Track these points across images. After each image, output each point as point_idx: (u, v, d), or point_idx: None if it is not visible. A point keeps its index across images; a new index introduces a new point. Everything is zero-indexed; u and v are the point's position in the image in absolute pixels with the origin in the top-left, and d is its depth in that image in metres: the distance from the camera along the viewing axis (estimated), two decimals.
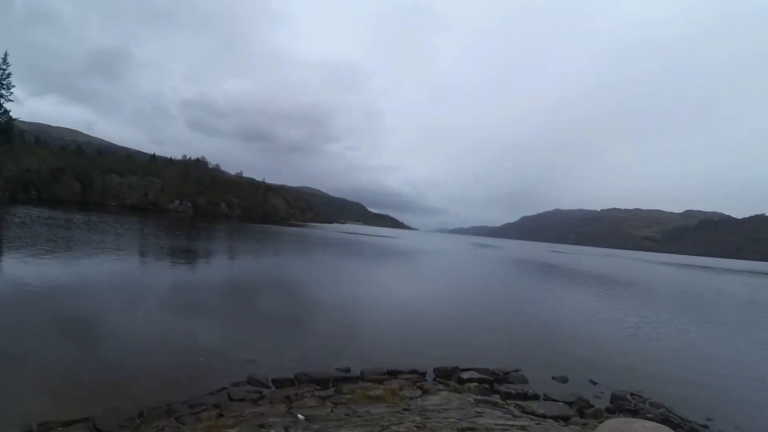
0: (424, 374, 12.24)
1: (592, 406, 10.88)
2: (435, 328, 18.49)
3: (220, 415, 8.56)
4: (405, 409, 8.18)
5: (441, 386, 11.02)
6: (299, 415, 8.16)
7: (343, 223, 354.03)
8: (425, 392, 10.21)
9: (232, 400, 9.59)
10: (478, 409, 8.13)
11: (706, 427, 10.46)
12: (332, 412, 8.60)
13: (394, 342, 15.69)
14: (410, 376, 11.85)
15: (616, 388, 12.26)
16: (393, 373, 11.95)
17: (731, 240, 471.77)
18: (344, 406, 9.15)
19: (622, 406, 11.14)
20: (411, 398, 9.61)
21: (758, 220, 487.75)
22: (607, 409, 10.96)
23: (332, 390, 10.44)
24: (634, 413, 10.70)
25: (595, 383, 13.06)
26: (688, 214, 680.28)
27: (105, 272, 23.11)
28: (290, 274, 31.60)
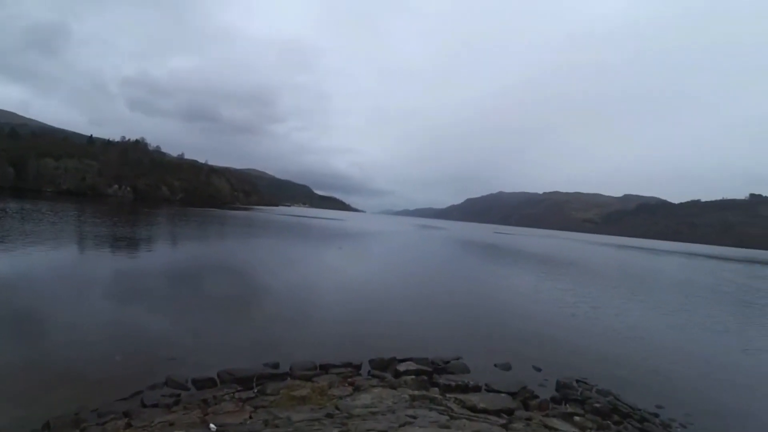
0: (359, 367, 11.29)
1: (537, 396, 10.18)
2: (375, 314, 17.55)
3: (129, 425, 7.47)
4: (328, 415, 7.16)
5: (375, 381, 10.06)
6: (212, 425, 7.10)
7: (289, 205, 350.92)
8: (357, 389, 9.21)
9: (144, 406, 8.53)
10: (411, 412, 7.18)
11: (657, 415, 9.94)
12: (250, 418, 7.56)
13: (331, 332, 14.67)
14: (343, 370, 10.86)
15: (561, 375, 11.69)
16: (325, 368, 10.93)
17: (668, 223, 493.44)
18: (264, 410, 8.10)
19: (569, 395, 10.49)
20: (340, 397, 8.60)
21: (694, 205, 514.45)
22: (553, 399, 10.30)
23: (255, 390, 9.35)
24: (582, 403, 10.08)
25: (539, 370, 12.44)
26: (627, 198, 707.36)
27: (27, 265, 21.07)
28: (228, 262, 29.97)
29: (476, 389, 10.21)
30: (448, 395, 9.33)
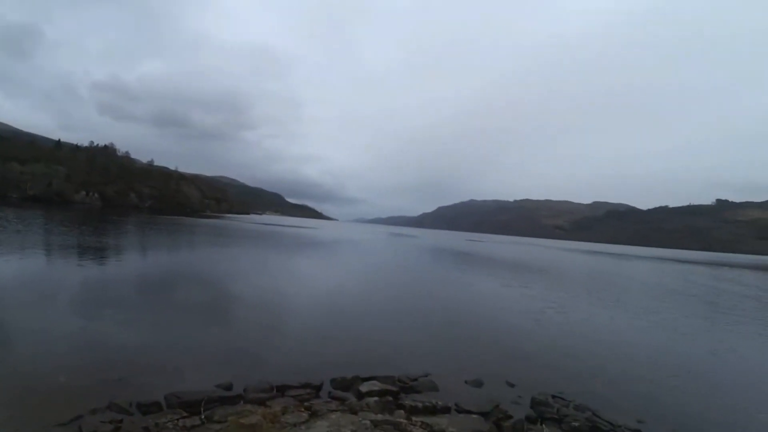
0: (319, 387, 10.37)
1: (511, 416, 9.40)
2: (340, 328, 16.60)
3: None
4: None
5: (335, 404, 9.16)
6: None
7: (260, 213, 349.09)
8: (313, 415, 8.33)
9: None
10: None
11: (638, 431, 9.29)
12: None
13: (292, 348, 13.72)
14: (301, 391, 9.92)
15: (536, 390, 10.93)
16: (282, 390, 9.98)
17: (637, 229, 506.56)
18: None
19: (544, 413, 9.76)
20: (294, 425, 7.72)
21: (661, 211, 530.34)
22: (528, 418, 9.54)
23: (203, 416, 8.42)
24: (559, 422, 9.38)
25: (512, 385, 11.68)
26: (596, 205, 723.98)
27: None
28: (193, 272, 28.69)
29: (445, 410, 9.40)
30: (414, 418, 8.50)
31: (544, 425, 9.28)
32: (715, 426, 10.30)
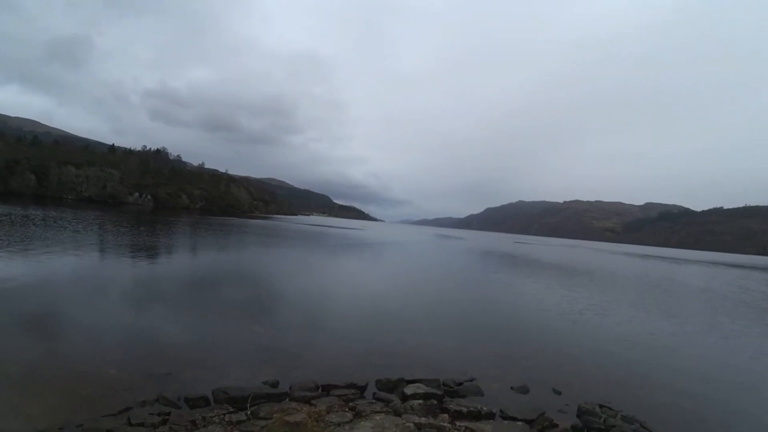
0: (364, 388, 10.47)
1: (557, 425, 9.23)
2: (386, 330, 16.69)
3: None
4: None
5: (379, 405, 9.24)
6: None
7: (308, 214, 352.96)
8: (357, 415, 8.43)
9: (130, 424, 7.81)
10: None
11: None
12: None
13: (338, 347, 13.90)
14: (346, 391, 10.05)
15: (583, 399, 10.71)
16: (327, 389, 10.15)
17: (689, 232, 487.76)
18: None
19: (591, 423, 9.54)
20: (338, 424, 7.83)
21: (715, 213, 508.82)
22: (574, 428, 9.35)
23: (249, 412, 8.61)
24: None
25: (559, 393, 11.48)
26: (648, 206, 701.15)
27: (41, 272, 20.80)
28: (242, 271, 29.40)
29: (490, 416, 9.33)
30: (458, 423, 8.47)
31: None
32: None
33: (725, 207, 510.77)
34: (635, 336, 19.00)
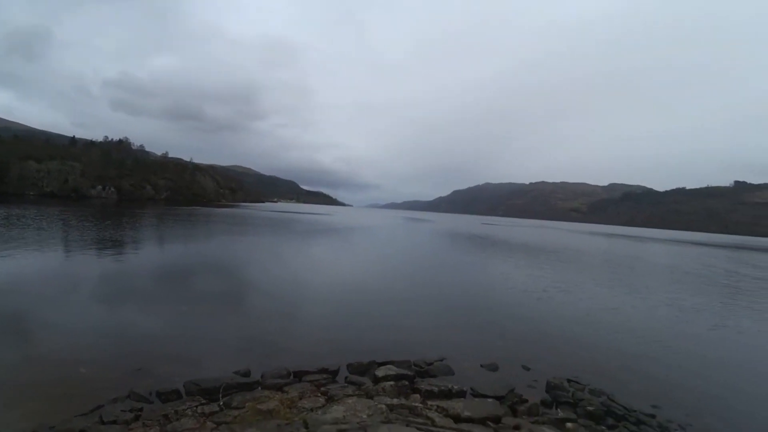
0: (336, 372, 10.48)
1: (526, 400, 9.41)
2: (357, 314, 16.74)
3: None
4: None
5: (351, 389, 9.29)
6: None
7: (275, 201, 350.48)
8: (330, 400, 8.45)
9: (103, 422, 7.73)
10: (385, 429, 6.42)
11: (653, 416, 9.26)
12: None
13: (309, 333, 13.88)
14: (318, 377, 10.06)
15: (552, 374, 11.02)
16: (299, 375, 10.14)
17: (653, 211, 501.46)
18: (227, 427, 7.38)
19: (559, 397, 9.81)
20: (311, 410, 7.84)
21: (678, 193, 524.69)
22: (543, 402, 9.57)
23: (221, 403, 8.57)
24: (573, 405, 9.41)
25: (528, 369, 11.72)
26: (612, 187, 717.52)
27: (7, 271, 20.23)
28: (210, 261, 28.95)
29: (461, 394, 9.47)
30: (429, 403, 8.57)
31: (559, 409, 9.32)
32: (729, 410, 10.22)
33: (688, 187, 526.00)
34: (602, 314, 19.45)
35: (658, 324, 18.27)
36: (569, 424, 8.36)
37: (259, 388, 9.47)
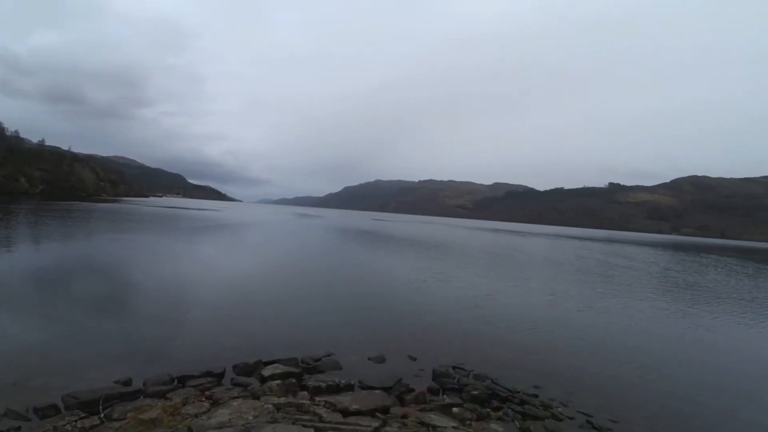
0: (221, 375, 10.11)
1: (413, 389, 9.67)
2: (242, 313, 16.23)
3: None
4: None
5: (237, 391, 9.02)
6: None
7: (161, 196, 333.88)
8: (215, 404, 8.16)
9: None
10: (270, 429, 6.35)
11: (536, 396, 9.92)
12: None
13: (192, 336, 13.19)
14: (203, 381, 9.65)
15: (437, 363, 11.42)
16: (182, 380, 9.68)
17: (534, 208, 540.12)
18: None
19: (445, 383, 10.20)
20: (195, 416, 7.54)
21: (557, 192, 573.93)
22: (430, 390, 9.89)
23: (102, 415, 8.02)
24: (459, 391, 9.82)
25: (414, 359, 12.05)
26: (496, 186, 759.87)
27: None
28: (88, 263, 26.43)
29: (348, 388, 9.53)
30: (317, 399, 8.55)
31: (445, 395, 9.68)
32: (608, 387, 11.14)
33: (566, 187, 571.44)
34: (484, 302, 20.50)
35: (535, 310, 19.67)
36: (455, 410, 8.69)
37: (141, 396, 8.94)
